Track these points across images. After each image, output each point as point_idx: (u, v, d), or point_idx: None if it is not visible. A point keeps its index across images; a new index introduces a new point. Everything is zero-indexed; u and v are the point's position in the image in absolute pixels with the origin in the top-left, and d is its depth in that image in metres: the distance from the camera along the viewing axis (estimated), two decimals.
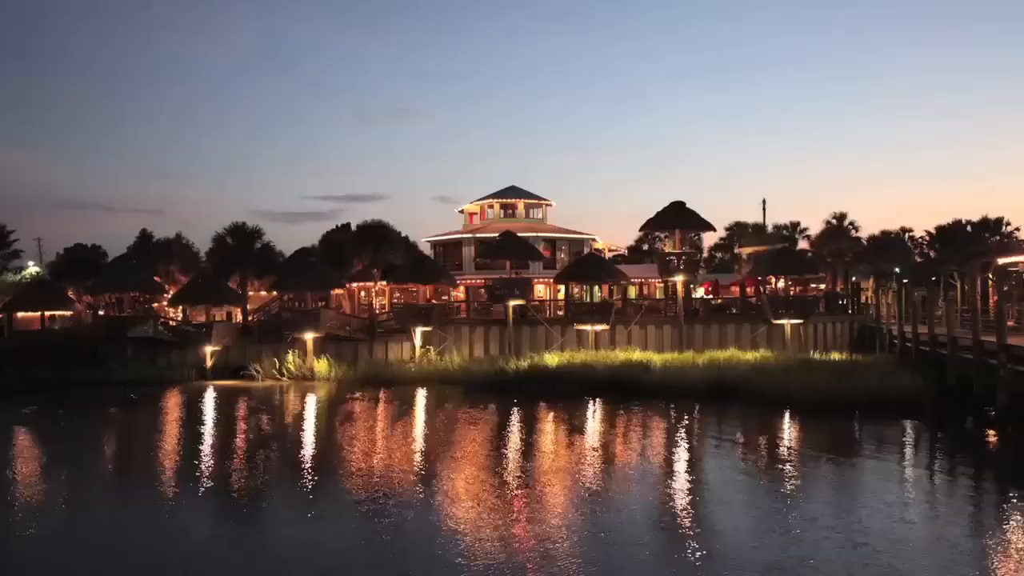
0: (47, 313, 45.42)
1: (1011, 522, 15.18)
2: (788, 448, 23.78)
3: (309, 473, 20.84)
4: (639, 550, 14.14)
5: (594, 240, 57.32)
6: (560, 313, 45.95)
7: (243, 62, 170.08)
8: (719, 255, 74.86)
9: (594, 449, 23.24)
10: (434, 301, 46.56)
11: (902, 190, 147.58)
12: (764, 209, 64.48)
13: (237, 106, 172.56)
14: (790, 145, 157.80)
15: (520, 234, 49.05)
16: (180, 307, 47.74)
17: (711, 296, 53.55)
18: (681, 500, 17.54)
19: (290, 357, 41.66)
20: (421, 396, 35.68)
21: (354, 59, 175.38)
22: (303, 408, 33.24)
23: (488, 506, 16.82)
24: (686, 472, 20.58)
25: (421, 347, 43.56)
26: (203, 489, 19.03)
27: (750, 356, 38.77)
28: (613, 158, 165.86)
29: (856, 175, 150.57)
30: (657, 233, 47.57)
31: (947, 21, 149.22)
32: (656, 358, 38.88)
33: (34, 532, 15.56)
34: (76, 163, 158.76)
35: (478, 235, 54.01)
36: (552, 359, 39.53)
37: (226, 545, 14.85)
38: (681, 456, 22.61)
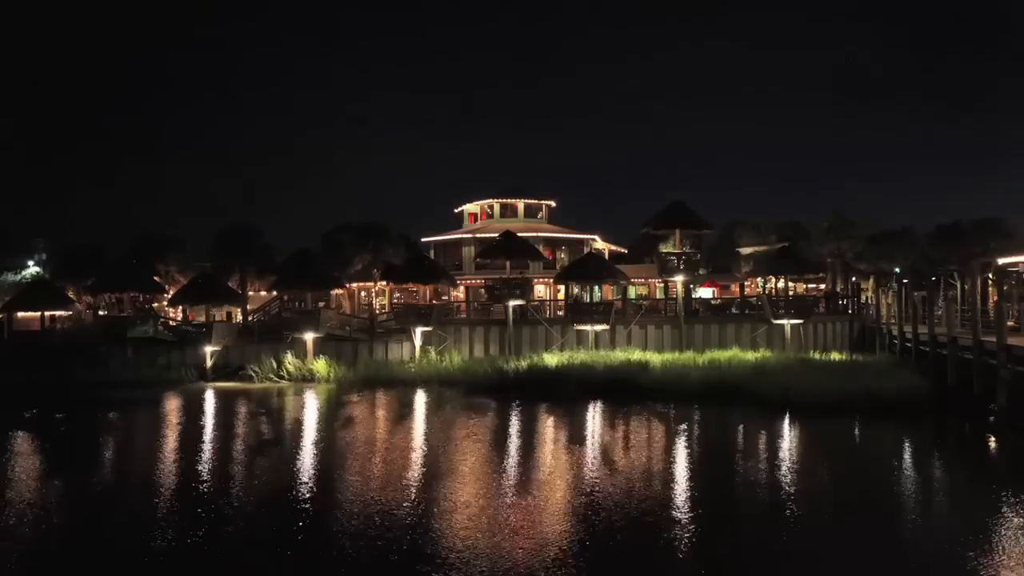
0: (47, 313, 45.42)
1: (1010, 523, 15.17)
2: (787, 449, 23.77)
3: (307, 478, 20.82)
4: (639, 550, 14.14)
5: (594, 240, 57.28)
6: (560, 313, 45.95)
7: None
8: (719, 255, 74.53)
9: (594, 450, 23.20)
10: (434, 301, 46.57)
11: (902, 189, 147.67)
12: (763, 209, 64.56)
13: None
14: (790, 145, 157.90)
15: (520, 234, 49.05)
16: (180, 307, 47.75)
17: (715, 296, 53.53)
18: (681, 501, 17.51)
19: (290, 357, 41.66)
20: (421, 397, 35.65)
21: None
22: (302, 410, 33.22)
23: (488, 507, 16.80)
24: (686, 474, 20.58)
25: (421, 347, 43.56)
26: (202, 494, 19.00)
27: (750, 356, 38.77)
28: (613, 157, 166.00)
29: (856, 175, 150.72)
30: (657, 232, 47.37)
31: (948, 21, 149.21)
32: (656, 358, 38.86)
33: (31, 537, 15.55)
34: None
35: (478, 235, 54.01)
36: (552, 359, 39.50)
37: (217, 550, 14.85)
38: (681, 458, 22.60)
